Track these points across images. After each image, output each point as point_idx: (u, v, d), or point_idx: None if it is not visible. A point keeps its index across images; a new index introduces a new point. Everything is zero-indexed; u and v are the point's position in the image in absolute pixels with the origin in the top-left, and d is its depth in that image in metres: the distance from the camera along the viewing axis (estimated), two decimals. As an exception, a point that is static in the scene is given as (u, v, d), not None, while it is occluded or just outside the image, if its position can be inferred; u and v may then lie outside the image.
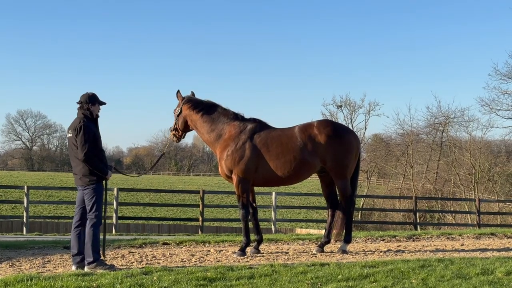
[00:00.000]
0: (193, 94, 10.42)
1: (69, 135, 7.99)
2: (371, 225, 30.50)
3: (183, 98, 10.32)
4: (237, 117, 10.04)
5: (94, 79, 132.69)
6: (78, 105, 8.06)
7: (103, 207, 8.58)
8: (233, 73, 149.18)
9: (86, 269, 7.72)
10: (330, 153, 9.64)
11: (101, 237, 8.29)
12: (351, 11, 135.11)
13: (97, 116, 8.15)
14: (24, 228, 18.70)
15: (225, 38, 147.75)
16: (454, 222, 34.61)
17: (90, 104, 8.01)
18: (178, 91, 10.41)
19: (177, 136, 10.48)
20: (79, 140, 7.76)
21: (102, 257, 7.99)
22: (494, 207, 38.54)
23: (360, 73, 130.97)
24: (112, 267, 7.85)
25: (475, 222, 23.55)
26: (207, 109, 10.12)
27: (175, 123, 10.38)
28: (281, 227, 24.98)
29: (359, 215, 39.88)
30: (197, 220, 20.67)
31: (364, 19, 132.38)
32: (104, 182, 8.17)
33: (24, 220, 18.84)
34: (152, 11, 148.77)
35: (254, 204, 10.07)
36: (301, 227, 31.80)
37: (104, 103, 8.19)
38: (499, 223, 32.20)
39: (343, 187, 9.87)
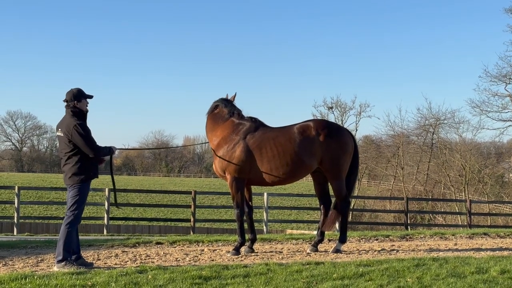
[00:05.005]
0: (227, 97, 10.30)
1: (60, 134, 7.83)
2: (362, 226, 30.61)
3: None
4: (234, 114, 9.96)
5: (85, 79, 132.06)
6: (65, 103, 7.89)
7: (113, 189, 8.54)
8: (224, 74, 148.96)
9: (55, 267, 7.57)
10: (327, 154, 9.58)
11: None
12: (341, 12, 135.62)
13: (87, 111, 8.01)
14: (15, 229, 18.60)
15: (214, 39, 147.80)
16: (444, 223, 34.72)
17: (75, 101, 7.84)
18: (227, 95, 10.35)
19: None
20: (83, 141, 7.65)
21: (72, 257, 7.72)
22: (484, 208, 38.70)
23: (351, 74, 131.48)
24: (89, 265, 7.79)
25: (466, 223, 23.65)
26: (212, 108, 10.19)
27: None
28: (272, 228, 24.95)
29: (350, 216, 39.90)
30: (188, 221, 20.60)
31: (355, 20, 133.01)
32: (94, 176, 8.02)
33: (15, 220, 18.74)
34: (145, 11, 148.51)
35: (250, 203, 10.03)
36: (292, 228, 31.75)
37: (91, 97, 8.01)
38: (489, 224, 32.34)
39: (339, 188, 9.82)
